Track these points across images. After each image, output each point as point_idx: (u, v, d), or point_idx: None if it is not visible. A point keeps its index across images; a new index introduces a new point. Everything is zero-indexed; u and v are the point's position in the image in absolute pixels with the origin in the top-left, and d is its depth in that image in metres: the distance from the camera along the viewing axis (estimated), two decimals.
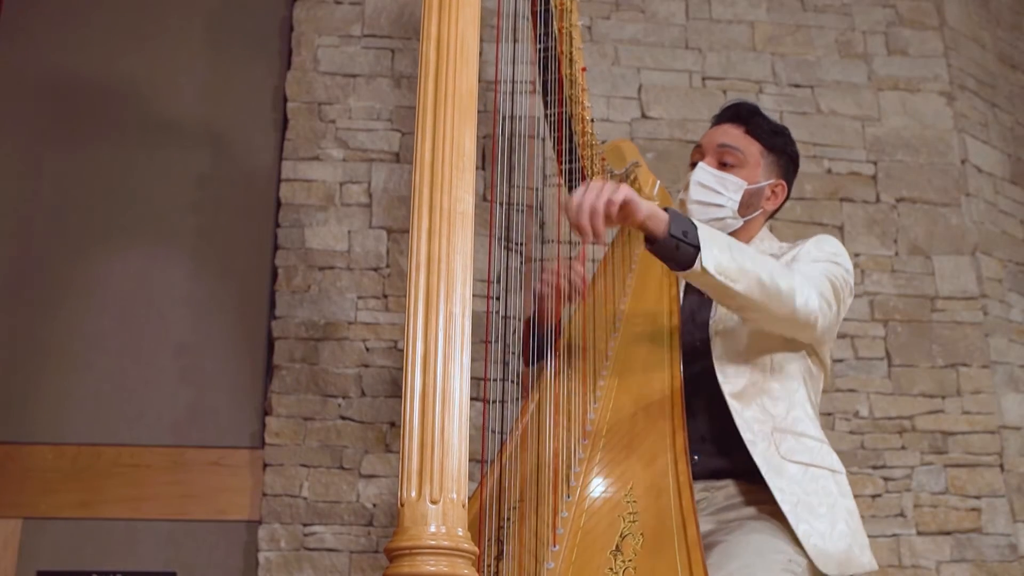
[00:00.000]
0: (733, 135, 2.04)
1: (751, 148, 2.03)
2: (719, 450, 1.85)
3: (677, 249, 1.62)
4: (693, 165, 2.06)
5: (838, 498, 1.77)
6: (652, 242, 1.64)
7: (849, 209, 3.07)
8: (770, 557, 1.63)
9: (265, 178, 2.95)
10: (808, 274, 1.83)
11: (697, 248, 1.61)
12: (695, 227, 1.63)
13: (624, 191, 1.59)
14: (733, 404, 1.80)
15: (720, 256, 1.63)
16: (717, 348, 1.87)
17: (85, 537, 2.61)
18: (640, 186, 2.30)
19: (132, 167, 2.91)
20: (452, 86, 1.19)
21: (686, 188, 2.03)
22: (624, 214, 1.60)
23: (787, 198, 2.10)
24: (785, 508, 1.68)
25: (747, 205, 2.02)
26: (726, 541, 1.67)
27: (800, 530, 1.67)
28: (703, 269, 1.62)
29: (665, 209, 1.64)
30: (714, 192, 2.00)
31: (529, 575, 1.49)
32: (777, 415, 1.81)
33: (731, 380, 1.83)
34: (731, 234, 2.01)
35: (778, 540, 1.68)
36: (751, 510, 1.79)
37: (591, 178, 2.03)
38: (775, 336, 1.85)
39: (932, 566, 2.75)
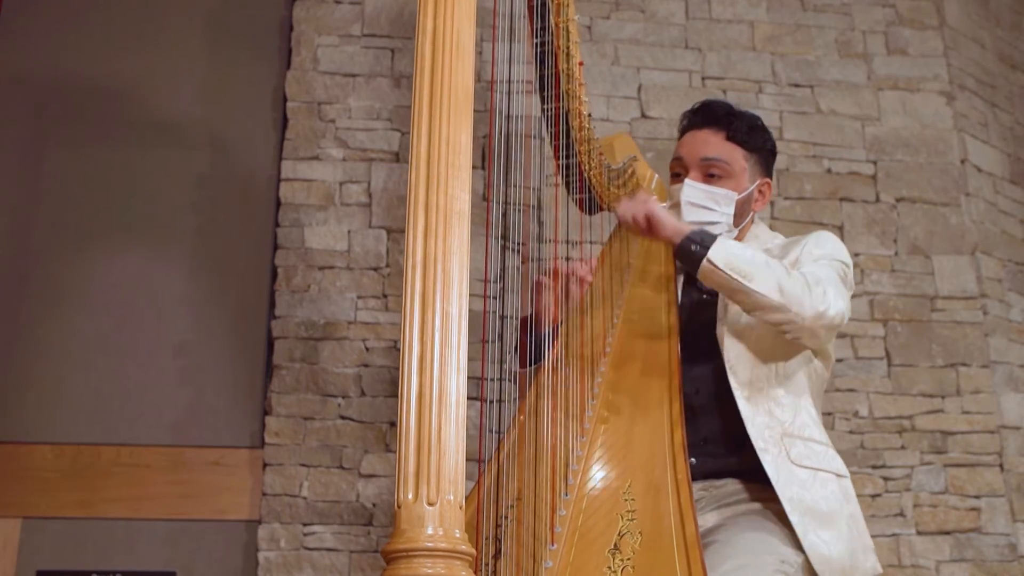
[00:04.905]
0: (715, 144, 1.98)
1: (735, 155, 1.98)
2: (723, 451, 1.84)
3: (691, 251, 1.74)
4: (675, 176, 2.02)
5: (843, 504, 1.76)
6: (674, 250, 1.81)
7: (849, 209, 3.07)
8: (763, 558, 1.63)
9: (265, 178, 2.95)
10: (820, 276, 1.81)
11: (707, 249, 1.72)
12: (713, 238, 1.75)
13: (650, 208, 1.80)
14: (745, 410, 1.78)
15: (730, 256, 1.72)
16: (729, 352, 1.83)
17: (85, 537, 2.61)
18: (638, 180, 2.30)
19: (132, 167, 2.91)
20: (448, 82, 1.18)
21: (676, 207, 1.98)
22: (651, 227, 1.80)
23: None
24: (793, 519, 1.68)
25: (740, 214, 1.99)
26: (719, 541, 1.68)
27: (807, 541, 1.67)
28: (711, 263, 1.71)
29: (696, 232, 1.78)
30: (706, 209, 1.95)
31: (527, 574, 1.48)
32: (785, 420, 1.81)
33: (743, 385, 1.81)
34: None
35: (773, 540, 1.68)
36: (752, 506, 1.79)
37: (588, 172, 2.01)
38: (783, 341, 1.83)
39: (932, 566, 2.75)
